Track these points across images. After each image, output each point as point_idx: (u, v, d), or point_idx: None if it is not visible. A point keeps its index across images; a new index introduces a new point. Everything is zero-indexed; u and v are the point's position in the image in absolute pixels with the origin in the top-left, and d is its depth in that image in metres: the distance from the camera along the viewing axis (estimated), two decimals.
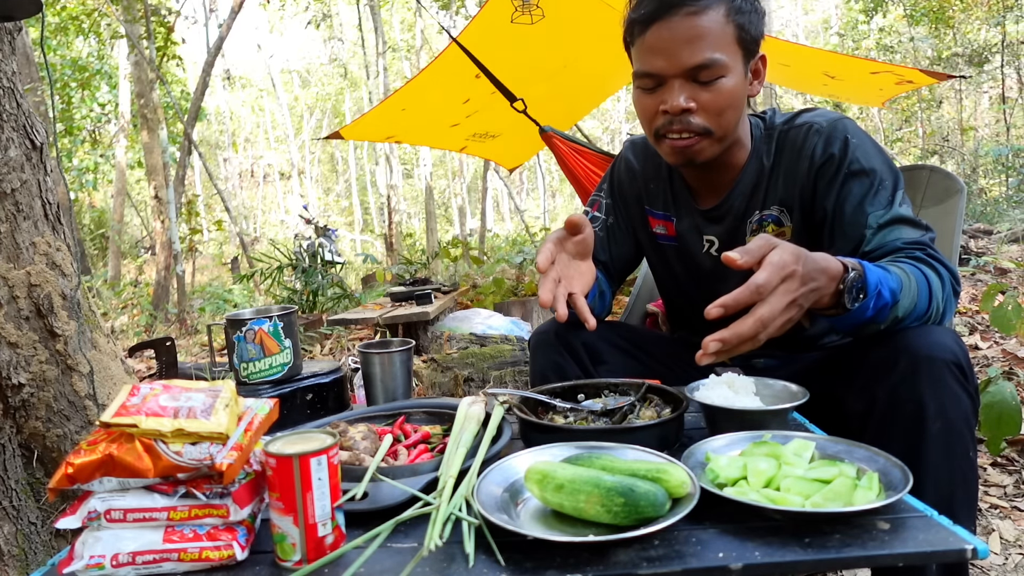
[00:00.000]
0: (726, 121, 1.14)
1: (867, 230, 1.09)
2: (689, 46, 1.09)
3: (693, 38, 1.08)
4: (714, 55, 1.09)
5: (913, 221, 1.09)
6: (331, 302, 5.93)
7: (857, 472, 0.77)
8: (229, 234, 16.71)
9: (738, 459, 0.81)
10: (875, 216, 1.09)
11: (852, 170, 1.13)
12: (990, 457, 2.03)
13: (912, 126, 12.16)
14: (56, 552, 1.33)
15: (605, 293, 1.37)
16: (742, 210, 1.25)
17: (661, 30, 1.10)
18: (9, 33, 1.55)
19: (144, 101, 8.20)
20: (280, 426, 0.91)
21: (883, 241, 1.07)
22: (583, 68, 4.94)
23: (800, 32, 20.23)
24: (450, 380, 2.78)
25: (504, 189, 19.29)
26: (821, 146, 1.17)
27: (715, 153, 1.17)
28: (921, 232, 1.07)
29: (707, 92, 1.11)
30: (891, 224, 1.08)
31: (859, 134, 1.16)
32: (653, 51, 1.12)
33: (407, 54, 17.11)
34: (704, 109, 1.12)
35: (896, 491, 0.70)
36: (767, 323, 0.85)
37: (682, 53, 1.09)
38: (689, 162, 1.18)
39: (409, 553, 0.69)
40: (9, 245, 1.45)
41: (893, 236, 1.07)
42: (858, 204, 1.11)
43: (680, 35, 1.09)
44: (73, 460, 0.68)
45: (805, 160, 1.19)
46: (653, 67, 1.12)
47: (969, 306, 3.68)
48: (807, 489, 0.73)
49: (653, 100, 1.15)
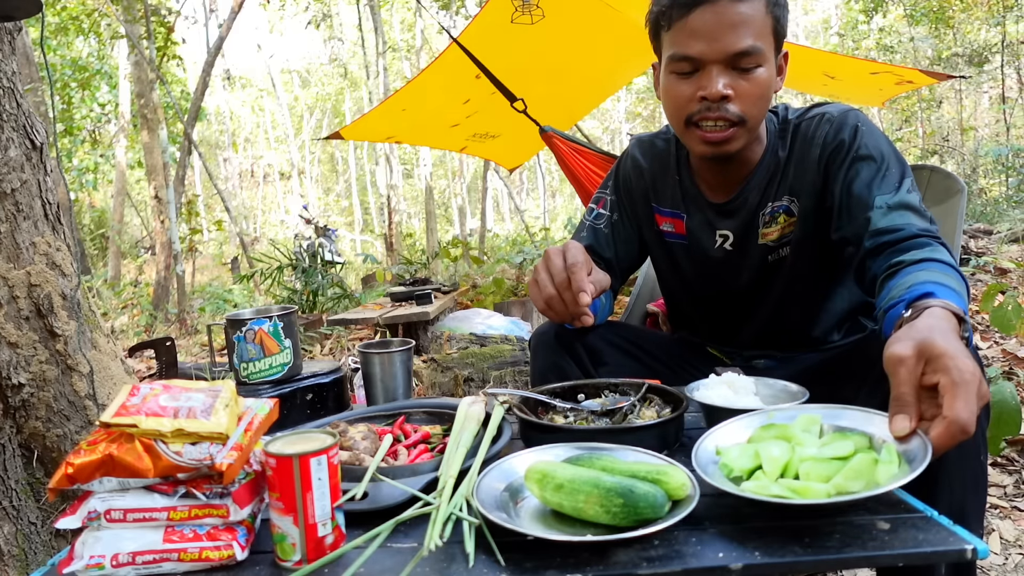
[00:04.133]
0: (759, 111, 1.14)
1: (873, 211, 1.09)
2: (733, 31, 1.08)
3: (738, 23, 1.08)
4: (756, 43, 1.09)
5: (919, 210, 1.08)
6: (331, 302, 5.93)
7: (871, 442, 0.75)
8: (229, 234, 16.70)
9: (749, 447, 0.80)
10: (882, 198, 1.09)
11: (860, 154, 1.14)
12: (990, 457, 2.03)
13: (912, 126, 12.15)
14: (56, 552, 1.33)
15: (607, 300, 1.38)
16: (755, 203, 1.25)
17: (705, 13, 1.09)
18: (9, 33, 1.55)
19: (144, 101, 8.20)
20: (280, 426, 0.91)
21: (892, 224, 1.06)
22: (583, 68, 4.94)
23: (800, 32, 20.22)
24: (450, 380, 2.78)
25: (504, 189, 19.28)
26: (832, 133, 1.18)
27: (744, 144, 1.17)
28: (927, 222, 1.07)
29: (745, 80, 1.11)
30: (900, 208, 1.08)
31: (868, 124, 1.18)
32: (695, 35, 1.11)
33: (407, 54, 17.10)
34: (741, 97, 1.12)
35: (918, 461, 0.67)
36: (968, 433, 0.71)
37: (726, 38, 1.09)
38: (719, 154, 1.17)
39: (409, 553, 0.69)
40: (9, 245, 1.45)
41: (904, 221, 1.06)
42: (865, 186, 1.11)
43: (726, 20, 1.08)
44: (73, 460, 0.68)
45: (816, 148, 1.19)
46: (693, 51, 1.11)
47: (969, 306, 3.68)
48: (826, 470, 0.71)
49: (689, 86, 1.14)
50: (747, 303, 1.34)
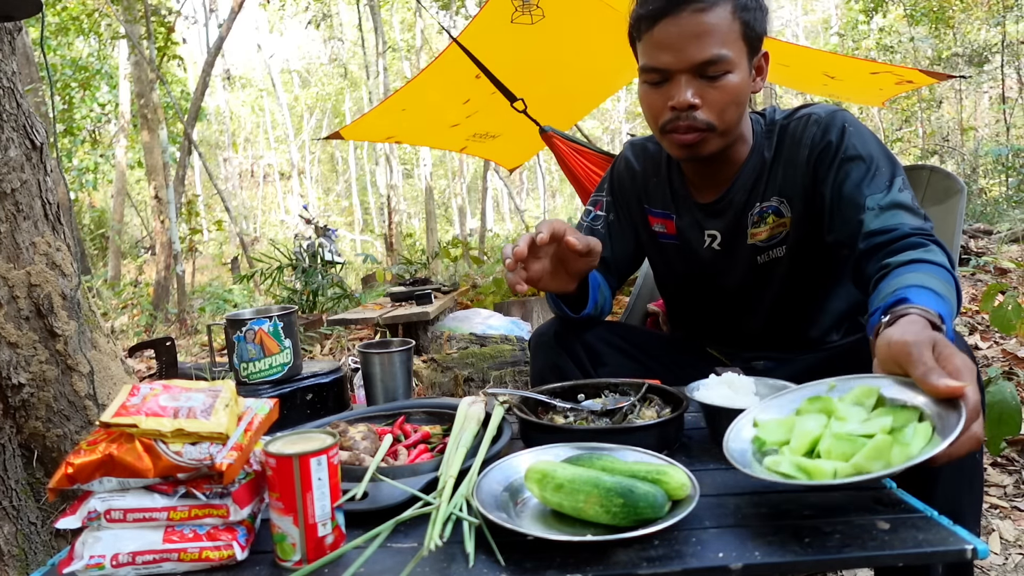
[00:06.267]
0: (730, 116, 1.15)
1: (866, 212, 1.09)
2: (696, 42, 1.09)
3: (700, 34, 1.09)
4: (720, 51, 1.10)
5: (912, 209, 1.08)
6: (331, 302, 5.93)
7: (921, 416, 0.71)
8: (229, 234, 16.70)
9: (788, 420, 0.78)
10: (873, 199, 1.09)
11: (848, 155, 1.14)
12: (990, 457, 2.03)
13: (912, 126, 12.15)
14: (56, 552, 1.33)
15: (602, 286, 1.37)
16: (743, 203, 1.26)
17: (669, 26, 1.11)
18: (9, 33, 1.55)
19: (144, 101, 8.20)
20: (280, 426, 0.91)
21: (885, 224, 1.06)
22: (583, 68, 4.94)
23: (800, 32, 20.23)
24: (450, 380, 2.78)
25: (504, 189, 19.29)
26: (820, 134, 1.18)
27: (719, 147, 1.18)
28: (921, 220, 1.07)
29: (713, 88, 1.12)
30: (892, 208, 1.08)
31: (856, 124, 1.18)
32: (660, 46, 1.12)
33: (407, 54, 17.10)
34: (709, 105, 1.13)
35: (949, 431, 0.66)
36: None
37: (689, 49, 1.10)
38: (693, 156, 1.19)
39: (409, 553, 0.69)
40: (9, 245, 1.45)
41: (897, 221, 1.06)
42: (855, 187, 1.12)
43: (688, 31, 1.10)
44: (73, 460, 0.68)
45: (804, 149, 1.20)
46: (660, 62, 1.13)
47: (969, 306, 3.68)
48: (848, 449, 0.69)
49: (660, 96, 1.16)
50: (742, 303, 1.34)
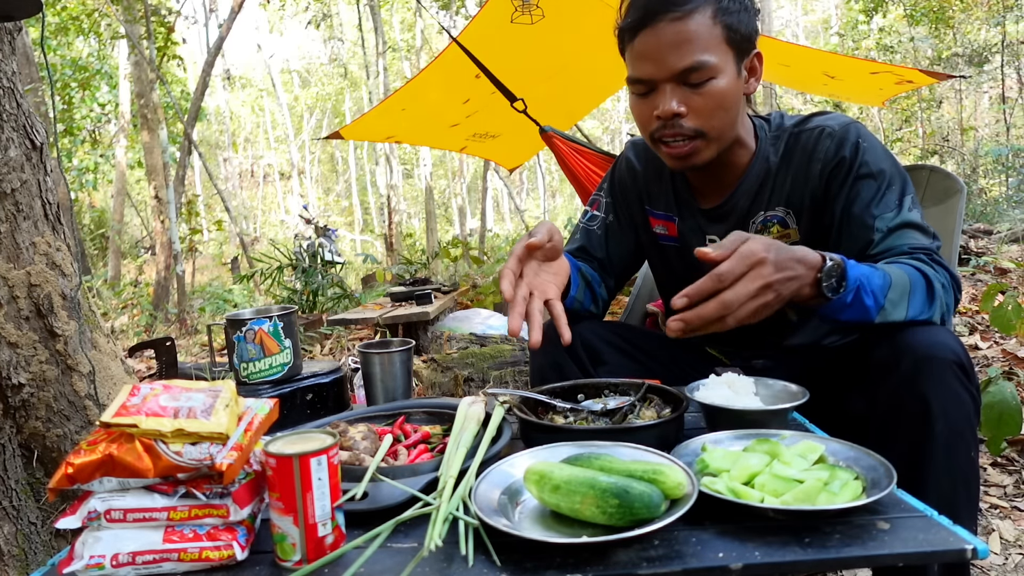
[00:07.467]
0: (719, 122, 1.14)
1: (875, 233, 1.09)
2: (676, 50, 1.09)
3: (680, 42, 1.09)
4: (702, 57, 1.09)
5: (922, 227, 1.09)
6: (331, 302, 5.93)
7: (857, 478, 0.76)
8: (229, 234, 16.71)
9: (734, 452, 0.81)
10: (884, 220, 1.09)
11: (861, 173, 1.13)
12: (990, 457, 2.03)
13: (912, 126, 12.15)
14: (56, 552, 1.33)
15: (592, 282, 1.37)
16: (746, 209, 1.25)
17: (648, 36, 1.11)
18: (9, 33, 1.55)
19: (144, 101, 8.21)
20: (280, 426, 0.91)
21: (892, 245, 1.07)
22: (583, 68, 4.94)
23: (800, 32, 20.23)
24: (450, 380, 2.78)
25: (504, 189, 19.28)
26: (833, 149, 1.17)
27: (713, 154, 1.17)
28: (929, 239, 1.08)
29: (697, 95, 1.11)
30: (900, 228, 1.08)
31: (869, 138, 1.17)
32: (642, 57, 1.13)
33: (407, 54, 17.10)
34: (696, 112, 1.12)
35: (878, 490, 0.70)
36: (730, 306, 0.88)
37: (669, 58, 1.10)
38: (688, 167, 1.19)
39: (409, 553, 0.69)
40: (9, 245, 1.45)
41: (902, 241, 1.07)
42: (865, 207, 1.11)
43: (666, 40, 1.09)
44: (73, 460, 0.68)
45: (817, 163, 1.18)
46: (643, 73, 1.13)
47: (969, 306, 3.68)
48: (782, 488, 0.73)
49: (647, 105, 1.16)
50: None
